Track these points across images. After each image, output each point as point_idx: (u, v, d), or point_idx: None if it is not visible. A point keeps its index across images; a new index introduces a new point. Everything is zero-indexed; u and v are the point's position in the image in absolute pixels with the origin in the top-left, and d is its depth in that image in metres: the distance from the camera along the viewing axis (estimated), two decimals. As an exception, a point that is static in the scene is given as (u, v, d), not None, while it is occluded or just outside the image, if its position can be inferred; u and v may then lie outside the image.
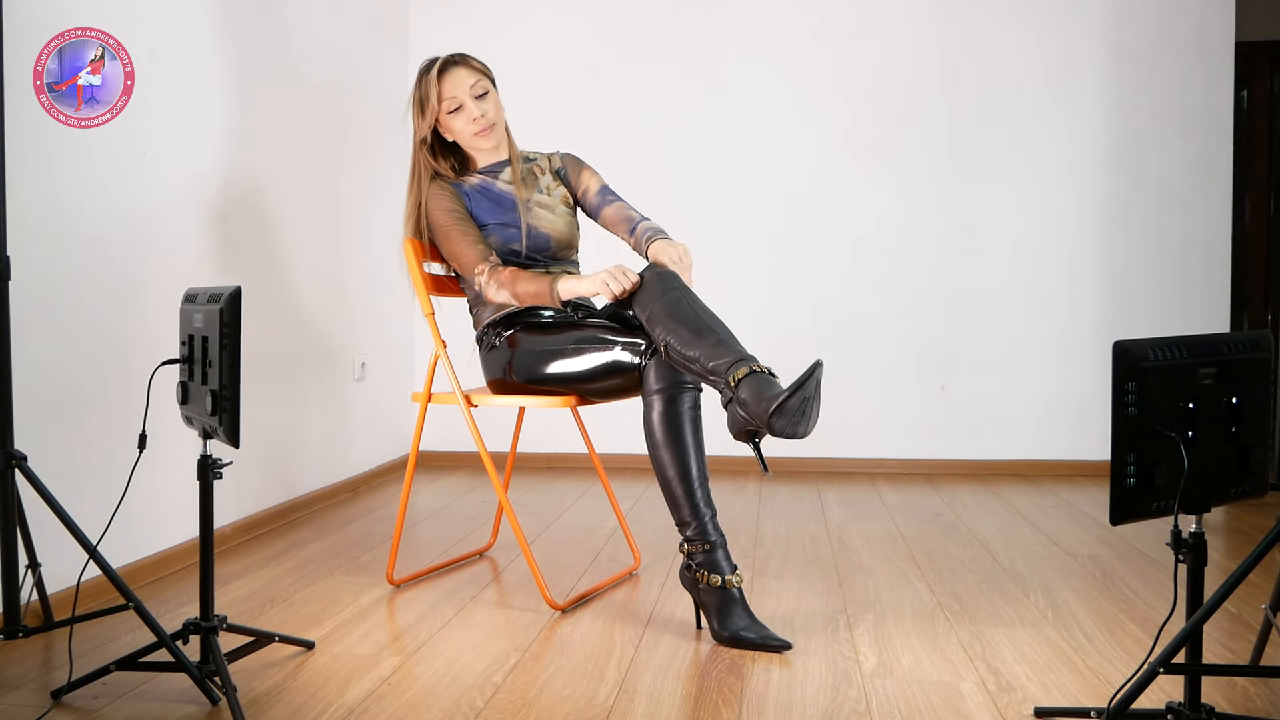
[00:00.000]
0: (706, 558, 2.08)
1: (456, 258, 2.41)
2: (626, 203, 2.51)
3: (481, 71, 2.47)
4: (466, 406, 2.39)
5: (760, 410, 1.91)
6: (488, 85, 2.47)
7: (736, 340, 2.07)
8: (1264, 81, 5.01)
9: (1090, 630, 2.13)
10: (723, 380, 2.00)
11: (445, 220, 2.41)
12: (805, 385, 1.89)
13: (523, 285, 2.31)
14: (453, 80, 2.42)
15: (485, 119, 2.44)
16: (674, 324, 2.08)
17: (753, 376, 1.97)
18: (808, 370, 1.91)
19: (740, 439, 2.01)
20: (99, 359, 2.40)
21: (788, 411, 1.89)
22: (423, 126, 2.45)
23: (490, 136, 2.46)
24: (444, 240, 2.42)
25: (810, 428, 1.95)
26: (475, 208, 2.45)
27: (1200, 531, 1.47)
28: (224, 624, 1.80)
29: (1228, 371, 1.49)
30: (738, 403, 1.96)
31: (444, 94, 2.42)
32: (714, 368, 2.01)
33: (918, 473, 4.06)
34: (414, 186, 2.48)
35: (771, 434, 1.94)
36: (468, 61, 2.46)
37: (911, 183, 4.07)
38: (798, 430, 1.93)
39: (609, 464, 3.05)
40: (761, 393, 1.93)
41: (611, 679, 1.88)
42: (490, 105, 2.46)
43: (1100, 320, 4.00)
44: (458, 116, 2.44)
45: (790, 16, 4.10)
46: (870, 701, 1.76)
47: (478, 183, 2.49)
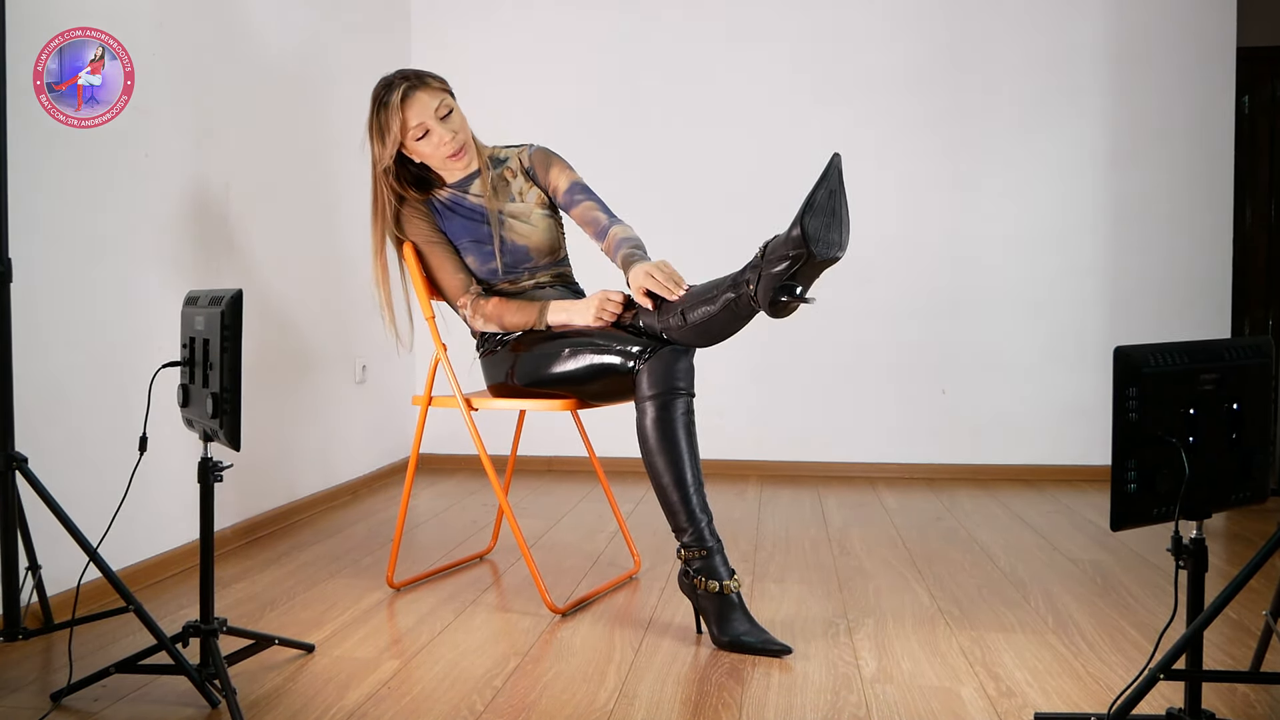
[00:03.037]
0: (704, 563, 2.08)
1: (439, 285, 2.42)
2: (596, 200, 2.40)
3: (442, 89, 2.37)
4: (467, 409, 2.39)
5: (792, 236, 1.89)
6: (451, 103, 2.37)
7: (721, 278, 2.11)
8: (1265, 87, 5.02)
9: (1091, 636, 2.13)
10: (746, 267, 2.03)
11: (421, 246, 2.40)
12: (829, 177, 1.87)
13: (510, 317, 2.33)
14: (416, 107, 2.30)
15: (455, 140, 2.35)
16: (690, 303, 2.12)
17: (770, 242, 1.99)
18: (827, 164, 1.87)
19: (778, 305, 1.99)
20: (100, 361, 2.40)
21: (817, 208, 1.85)
22: (385, 156, 2.33)
23: (462, 157, 2.38)
24: (425, 266, 2.42)
25: (845, 236, 1.92)
26: (448, 225, 2.41)
27: (1201, 537, 1.47)
28: (224, 627, 1.80)
29: (1229, 377, 1.49)
30: (766, 260, 1.97)
31: (409, 122, 2.31)
32: (734, 278, 2.05)
33: (918, 477, 4.05)
34: (378, 220, 2.38)
35: (808, 241, 1.87)
36: (427, 83, 2.34)
37: (912, 187, 4.07)
38: (831, 235, 1.88)
39: (609, 467, 3.05)
40: (786, 237, 1.93)
41: (611, 683, 1.88)
42: (457, 124, 2.36)
43: (1101, 325, 4.00)
44: (425, 142, 2.34)
45: (792, 18, 4.10)
46: (870, 707, 1.76)
47: (448, 197, 2.43)
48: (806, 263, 1.92)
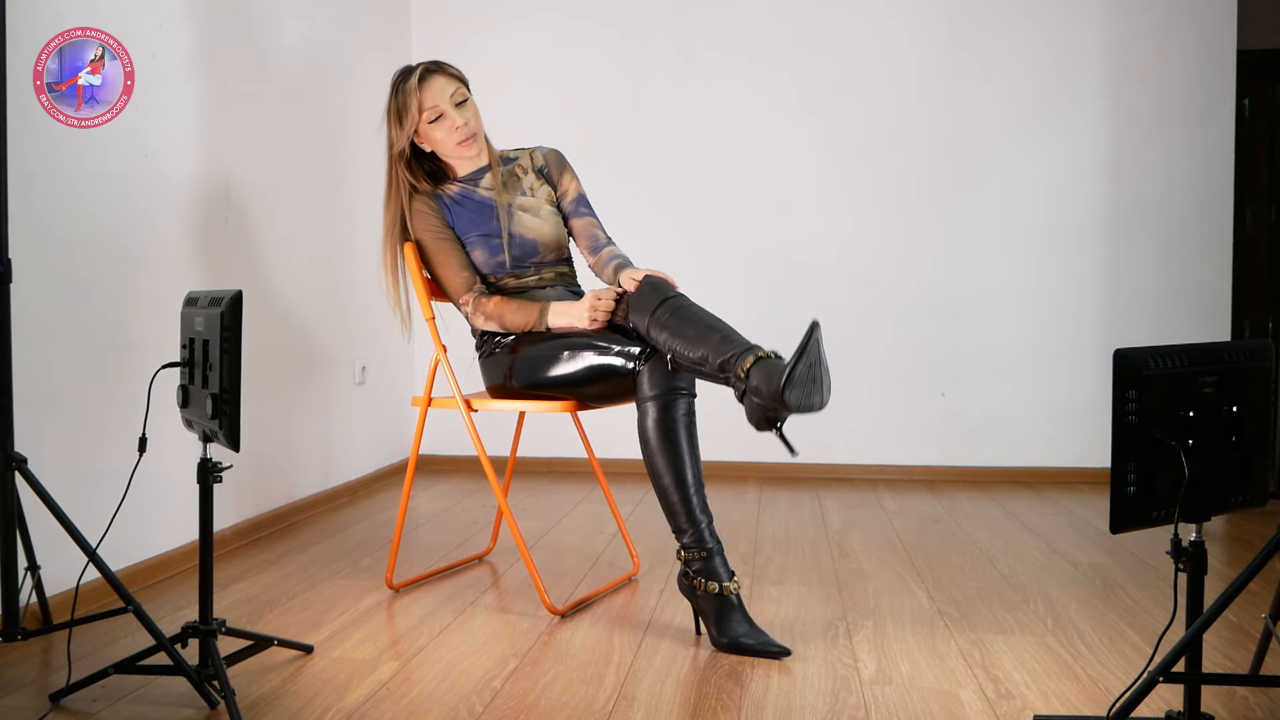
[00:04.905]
0: (703, 565, 2.08)
1: (442, 283, 2.43)
2: (598, 220, 2.51)
3: (459, 79, 2.42)
4: (466, 411, 2.39)
5: (773, 390, 1.90)
6: (466, 92, 2.42)
7: (739, 334, 2.07)
8: (1265, 90, 5.03)
9: (1090, 638, 2.13)
10: (733, 373, 2.00)
11: (429, 243, 2.41)
12: (808, 350, 1.88)
13: (510, 317, 2.33)
14: (433, 89, 2.37)
15: (468, 128, 2.39)
16: (676, 325, 2.09)
17: (760, 363, 1.96)
18: (805, 334, 1.89)
19: (762, 428, 2.00)
20: (99, 362, 2.40)
21: (797, 381, 1.87)
22: (401, 138, 2.38)
23: (472, 145, 2.41)
24: (428, 263, 2.43)
25: (826, 396, 1.93)
26: (456, 219, 2.43)
27: (1200, 540, 1.47)
28: (223, 627, 1.80)
29: (1228, 380, 1.49)
30: (751, 391, 1.96)
31: (425, 104, 2.36)
32: (722, 364, 2.01)
33: (918, 479, 4.05)
34: (391, 201, 2.42)
35: (789, 410, 1.91)
36: (445, 69, 2.40)
37: (911, 189, 4.07)
38: (813, 400, 1.91)
39: (609, 469, 3.05)
40: (771, 374, 1.92)
41: (610, 684, 1.88)
42: (470, 113, 2.41)
43: (1101, 328, 4.00)
44: (439, 126, 2.38)
45: (794, 20, 4.10)
46: (869, 709, 1.76)
47: (457, 191, 2.45)
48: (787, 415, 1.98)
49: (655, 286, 2.17)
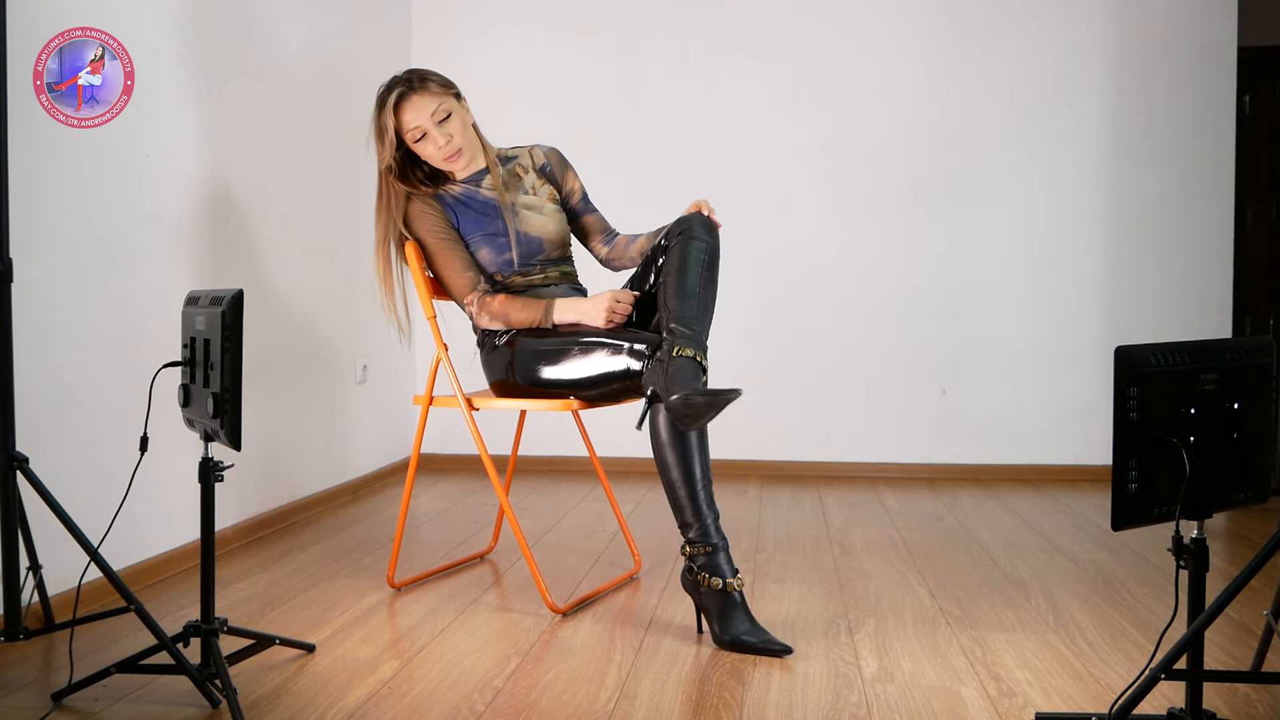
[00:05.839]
0: (708, 560, 2.08)
1: (445, 282, 2.43)
2: (602, 215, 2.59)
3: (441, 93, 2.37)
4: (468, 409, 2.39)
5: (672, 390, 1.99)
6: (450, 106, 2.38)
7: (706, 322, 2.13)
8: (1266, 86, 5.03)
9: (1091, 636, 2.13)
10: (670, 343, 2.07)
11: (431, 243, 2.40)
12: (716, 400, 1.95)
13: (516, 314, 2.33)
14: (412, 110, 2.34)
15: (451, 145, 2.37)
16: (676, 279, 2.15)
17: (688, 361, 2.03)
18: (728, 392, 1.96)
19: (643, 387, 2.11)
20: (101, 361, 2.40)
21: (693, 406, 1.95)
22: (385, 155, 2.37)
23: (459, 159, 2.40)
24: (431, 263, 2.43)
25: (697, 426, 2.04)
26: (460, 220, 2.42)
27: (1202, 537, 1.47)
28: (225, 626, 1.80)
29: (1229, 377, 1.49)
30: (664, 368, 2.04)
31: (405, 126, 2.35)
32: (673, 329, 2.09)
33: (919, 477, 4.05)
34: (382, 213, 2.41)
35: (666, 409, 2.01)
36: (427, 87, 2.35)
37: (912, 188, 4.06)
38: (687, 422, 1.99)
39: (610, 467, 3.05)
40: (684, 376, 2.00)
41: (612, 683, 1.88)
42: (455, 127, 2.37)
43: (1102, 325, 4.00)
44: (423, 145, 2.37)
45: (795, 22, 4.10)
46: (871, 706, 1.76)
47: (460, 192, 2.45)
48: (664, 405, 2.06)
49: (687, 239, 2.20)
